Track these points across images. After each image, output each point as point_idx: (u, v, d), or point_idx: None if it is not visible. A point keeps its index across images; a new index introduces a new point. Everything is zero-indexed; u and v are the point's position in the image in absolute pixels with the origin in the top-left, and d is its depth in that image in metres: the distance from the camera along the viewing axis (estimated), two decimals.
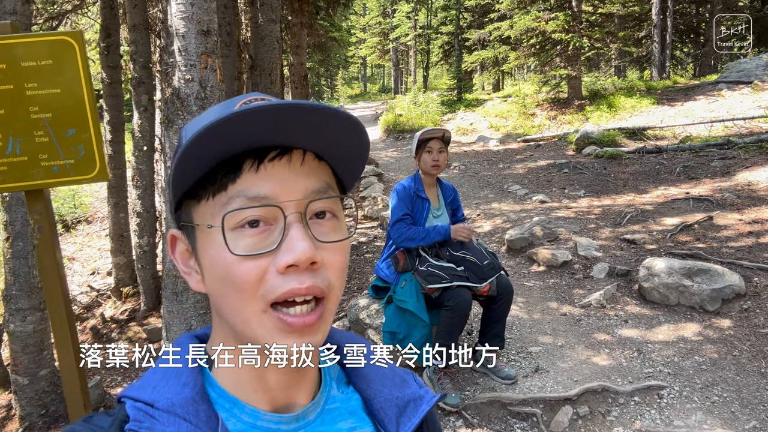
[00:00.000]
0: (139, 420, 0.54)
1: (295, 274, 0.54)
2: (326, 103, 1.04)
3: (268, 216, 0.55)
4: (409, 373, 0.74)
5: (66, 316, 1.73)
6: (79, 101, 1.77)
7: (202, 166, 0.56)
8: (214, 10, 3.31)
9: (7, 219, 3.64)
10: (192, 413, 0.55)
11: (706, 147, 9.55)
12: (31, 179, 1.79)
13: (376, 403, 0.67)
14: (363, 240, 7.06)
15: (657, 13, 18.86)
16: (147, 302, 6.14)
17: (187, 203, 0.60)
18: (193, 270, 0.62)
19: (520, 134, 14.69)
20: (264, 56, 6.18)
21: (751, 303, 4.15)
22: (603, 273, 5.03)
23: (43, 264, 1.74)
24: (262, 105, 0.51)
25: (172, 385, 0.57)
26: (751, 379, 3.34)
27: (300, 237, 0.54)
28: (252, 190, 0.55)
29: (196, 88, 3.24)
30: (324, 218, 0.58)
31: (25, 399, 3.89)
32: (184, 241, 0.62)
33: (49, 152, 1.78)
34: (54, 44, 1.76)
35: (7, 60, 1.73)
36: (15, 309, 3.76)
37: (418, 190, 3.53)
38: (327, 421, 0.64)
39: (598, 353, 3.79)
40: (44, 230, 1.74)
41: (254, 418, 0.59)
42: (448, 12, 28.40)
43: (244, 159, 0.56)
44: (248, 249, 0.54)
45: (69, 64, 1.77)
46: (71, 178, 1.81)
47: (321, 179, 0.59)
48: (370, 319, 3.87)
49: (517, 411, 3.25)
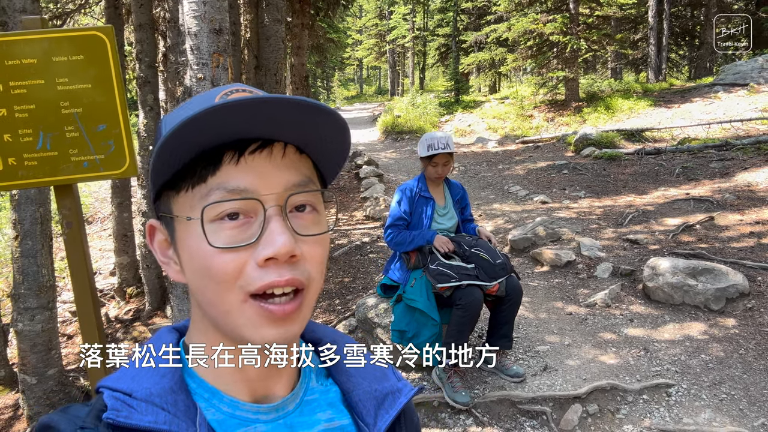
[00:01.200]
0: (117, 409, 0.54)
1: (275, 267, 0.54)
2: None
3: (248, 209, 0.55)
4: (390, 367, 0.75)
5: (94, 311, 1.74)
6: (109, 96, 1.77)
7: (181, 158, 0.56)
8: (225, 8, 3.32)
9: (16, 217, 3.63)
10: (170, 403, 0.55)
11: (705, 148, 9.62)
12: (61, 174, 1.80)
13: (354, 396, 0.68)
14: (366, 240, 7.07)
15: (653, 15, 18.99)
16: (152, 302, 6.12)
17: (166, 194, 0.60)
18: (172, 260, 0.62)
19: (519, 135, 14.75)
20: (269, 56, 6.18)
21: (756, 302, 4.18)
22: (607, 273, 5.06)
23: (72, 259, 1.75)
24: (244, 98, 0.51)
25: (150, 376, 0.57)
26: (758, 377, 3.37)
27: (280, 230, 0.54)
28: (232, 182, 0.55)
29: (208, 87, 3.25)
30: (304, 211, 0.59)
31: (33, 398, 3.88)
32: (162, 232, 0.62)
33: (79, 147, 1.79)
34: (85, 39, 1.77)
35: (38, 55, 1.74)
36: (23, 308, 3.75)
37: (421, 190, 3.58)
38: (306, 412, 0.64)
39: (606, 352, 3.81)
40: (73, 225, 1.75)
41: (233, 408, 0.60)
42: (444, 14, 28.50)
43: (224, 151, 0.55)
44: (227, 241, 0.54)
45: (100, 60, 1.77)
46: (101, 173, 1.82)
47: (301, 173, 0.59)
48: (378, 318, 3.88)
49: (526, 409, 3.26)
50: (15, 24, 3.43)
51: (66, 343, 5.56)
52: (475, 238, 3.53)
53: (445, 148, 3.48)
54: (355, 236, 7.32)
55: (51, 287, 3.87)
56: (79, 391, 4.18)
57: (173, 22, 4.97)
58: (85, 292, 1.73)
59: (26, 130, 1.75)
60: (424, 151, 3.51)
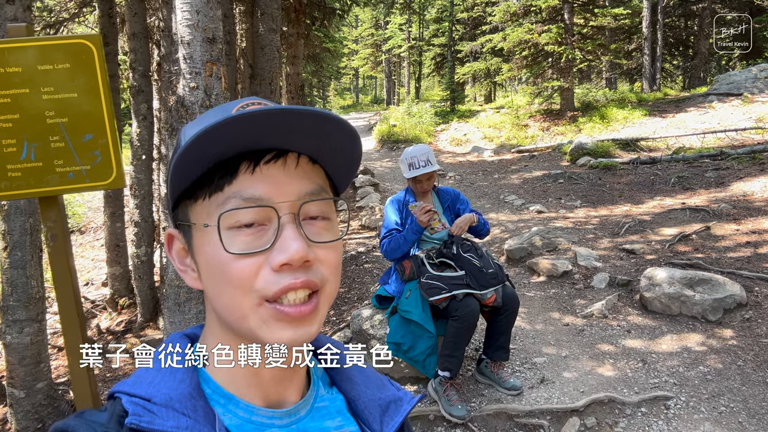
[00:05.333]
0: (138, 414, 0.54)
1: (290, 272, 0.56)
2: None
3: (263, 217, 0.57)
4: (386, 378, 0.77)
5: (78, 324, 1.69)
6: (96, 106, 1.73)
7: (199, 167, 0.58)
8: (219, 18, 3.30)
9: (5, 228, 3.57)
10: (190, 408, 0.56)
11: (700, 158, 9.64)
12: (45, 185, 1.74)
13: (360, 404, 0.70)
14: (361, 250, 7.02)
15: (647, 26, 19.13)
16: (144, 313, 6.05)
17: (184, 203, 0.62)
18: (189, 268, 0.63)
19: (514, 145, 14.77)
20: (264, 66, 6.16)
21: (753, 313, 4.16)
22: (604, 283, 5.03)
23: (56, 272, 1.70)
24: (260, 109, 0.53)
25: (167, 381, 0.58)
26: (756, 389, 3.33)
27: (293, 237, 0.56)
28: (247, 191, 0.57)
29: (201, 96, 3.22)
30: (317, 220, 0.60)
31: (21, 412, 3.79)
32: (180, 240, 0.64)
33: (64, 158, 1.74)
34: (71, 48, 1.72)
35: (23, 63, 1.69)
36: (12, 320, 3.67)
37: (408, 201, 3.56)
38: (316, 418, 0.66)
39: (603, 364, 3.77)
40: (57, 238, 1.70)
41: (249, 414, 0.61)
42: (440, 24, 28.66)
43: (240, 161, 0.58)
44: (243, 248, 0.56)
45: (87, 68, 1.73)
46: (87, 185, 1.77)
47: (314, 182, 0.61)
48: (373, 330, 3.83)
49: (524, 423, 3.22)
50: (5, 33, 3.40)
51: (56, 355, 5.47)
52: (472, 245, 3.49)
53: (426, 166, 3.42)
54: (350, 246, 7.27)
55: (40, 299, 3.80)
56: (68, 405, 4.09)
57: (167, 31, 4.93)
58: (69, 306, 1.68)
59: (10, 141, 1.70)
60: (406, 170, 3.48)
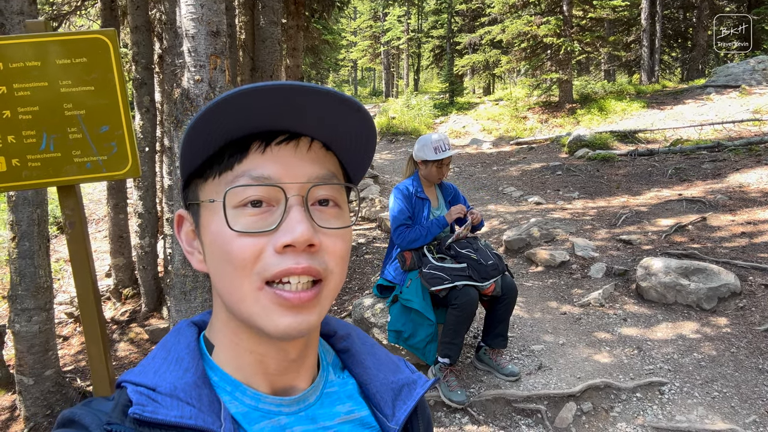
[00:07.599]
0: (142, 404, 0.54)
1: (293, 254, 0.55)
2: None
3: (270, 196, 0.56)
4: (402, 359, 0.76)
5: (96, 310, 1.76)
6: (112, 98, 1.80)
7: (210, 144, 0.57)
8: (223, 11, 3.34)
9: (13, 219, 3.63)
10: (195, 397, 0.56)
11: (697, 150, 9.70)
12: (64, 175, 1.82)
13: (372, 387, 0.69)
14: (362, 241, 7.10)
15: (646, 18, 19.14)
16: (148, 303, 6.13)
17: (194, 182, 0.62)
18: (196, 250, 0.63)
19: (513, 137, 14.83)
20: (265, 58, 6.21)
21: (747, 301, 4.24)
22: (601, 273, 5.11)
23: (75, 258, 1.77)
24: (275, 83, 0.52)
25: (173, 370, 0.58)
26: (749, 375, 3.42)
27: (299, 219, 0.55)
28: (257, 170, 0.56)
29: (206, 89, 3.27)
30: (327, 206, 0.59)
31: (30, 399, 3.88)
32: (190, 221, 0.64)
33: (82, 148, 1.81)
34: (88, 42, 1.79)
35: (42, 58, 1.76)
36: (21, 309, 3.75)
37: (417, 191, 3.61)
38: (326, 404, 0.65)
39: (599, 351, 3.85)
40: (75, 225, 1.78)
41: (256, 401, 0.60)
42: (439, 16, 28.60)
43: (252, 141, 0.57)
44: (248, 226, 0.55)
45: (103, 63, 1.80)
46: (103, 174, 1.84)
47: (326, 167, 0.60)
48: (375, 318, 3.91)
49: (521, 408, 3.30)
50: (12, 26, 3.45)
51: (62, 344, 5.55)
52: (469, 240, 3.56)
53: (449, 150, 3.53)
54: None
55: (48, 288, 3.87)
56: (76, 392, 4.18)
57: (169, 24, 4.98)
58: (87, 292, 1.76)
59: (30, 132, 1.78)
60: (432, 154, 3.51)
